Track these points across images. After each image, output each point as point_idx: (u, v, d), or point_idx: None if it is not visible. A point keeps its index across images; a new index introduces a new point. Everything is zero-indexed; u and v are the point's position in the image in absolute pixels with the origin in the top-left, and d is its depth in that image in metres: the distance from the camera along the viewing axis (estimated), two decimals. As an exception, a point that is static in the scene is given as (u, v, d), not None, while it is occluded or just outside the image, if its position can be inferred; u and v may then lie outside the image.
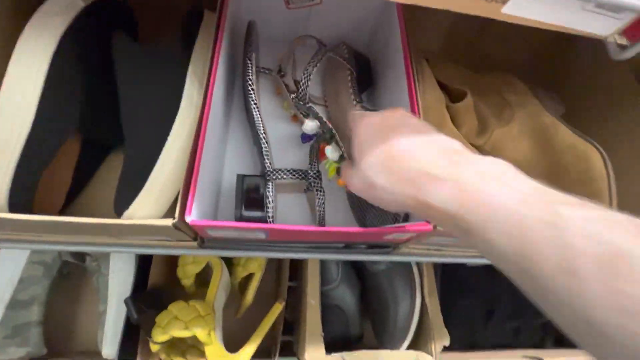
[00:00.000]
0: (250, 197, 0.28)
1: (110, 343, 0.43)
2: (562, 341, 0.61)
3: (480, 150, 0.41)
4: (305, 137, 0.39)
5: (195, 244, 0.31)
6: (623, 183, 0.36)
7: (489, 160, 0.20)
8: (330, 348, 0.46)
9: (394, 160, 0.21)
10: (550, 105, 0.45)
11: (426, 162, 0.20)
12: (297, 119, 0.41)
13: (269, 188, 0.29)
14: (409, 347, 0.49)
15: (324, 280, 0.52)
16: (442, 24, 0.50)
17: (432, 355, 0.47)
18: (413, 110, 0.32)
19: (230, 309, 0.53)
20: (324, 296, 0.51)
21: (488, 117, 0.41)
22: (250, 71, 0.32)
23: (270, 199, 0.28)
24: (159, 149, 0.27)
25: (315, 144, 0.36)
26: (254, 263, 0.50)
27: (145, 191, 0.26)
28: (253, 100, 0.32)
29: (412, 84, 0.33)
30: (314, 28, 0.45)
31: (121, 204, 0.27)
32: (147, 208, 0.26)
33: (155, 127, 0.28)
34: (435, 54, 0.49)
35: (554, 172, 0.39)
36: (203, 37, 0.34)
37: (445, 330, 0.48)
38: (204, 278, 0.49)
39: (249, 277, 0.52)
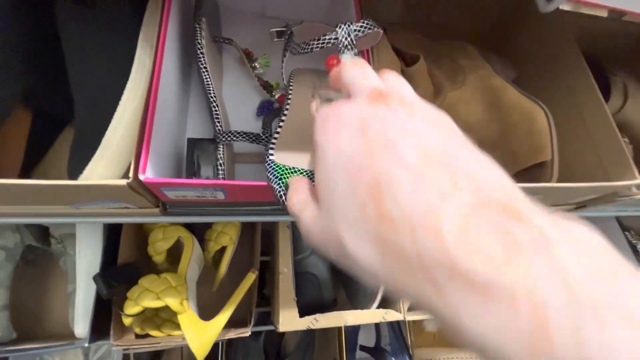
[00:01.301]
0: (202, 160, 0.29)
1: (81, 321, 0.43)
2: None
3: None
4: (261, 110, 0.40)
5: (157, 210, 0.32)
6: (563, 138, 0.39)
7: (580, 239, 0.10)
8: (305, 313, 0.47)
9: (391, 226, 0.12)
10: (501, 70, 0.47)
11: (457, 238, 0.10)
12: (263, 84, 0.42)
13: (220, 150, 0.30)
14: (379, 307, 0.52)
15: (297, 249, 0.53)
16: (401, -6, 0.51)
17: (400, 312, 0.50)
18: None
19: (206, 284, 0.54)
20: (297, 264, 0.53)
21: (442, 80, 0.43)
22: (199, 35, 0.32)
23: (221, 162, 0.29)
24: (111, 112, 0.27)
25: (266, 117, 0.36)
26: (225, 237, 0.51)
27: (99, 154, 0.26)
28: (202, 64, 0.32)
29: (365, 51, 0.35)
30: (273, 4, 0.46)
31: (75, 169, 0.26)
32: (101, 171, 0.26)
33: (106, 91, 0.28)
34: (394, 24, 0.50)
35: (504, 130, 0.41)
36: (154, 2, 0.33)
37: (412, 289, 0.51)
38: (175, 255, 0.50)
39: (223, 251, 0.52)
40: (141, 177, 0.24)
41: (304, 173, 0.25)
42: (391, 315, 0.49)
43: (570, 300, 0.09)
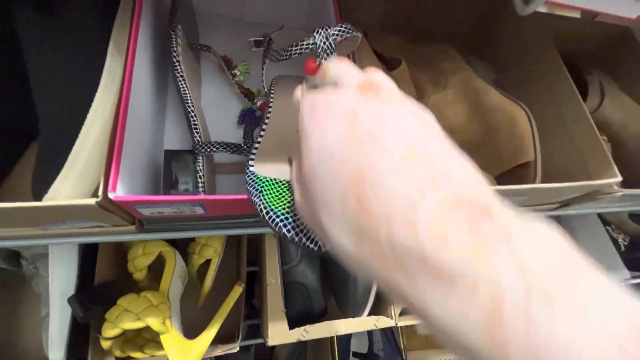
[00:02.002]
0: (180, 173, 0.28)
1: (56, 346, 0.40)
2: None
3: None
4: (242, 119, 0.39)
5: (133, 227, 0.30)
6: (545, 137, 0.39)
7: (541, 236, 0.11)
8: (295, 324, 0.46)
9: (369, 216, 0.12)
10: (482, 71, 0.47)
11: (430, 232, 0.11)
12: (244, 92, 0.41)
13: (199, 162, 0.28)
14: (370, 314, 0.51)
15: (284, 259, 0.52)
16: (381, -2, 0.51)
17: (391, 318, 0.50)
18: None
19: (190, 299, 0.52)
20: (285, 274, 0.52)
21: (425, 84, 0.42)
22: (174, 43, 0.31)
23: (201, 174, 0.28)
24: (79, 126, 0.26)
25: (247, 126, 0.35)
26: (210, 249, 0.49)
27: (65, 171, 0.24)
28: (179, 72, 0.31)
29: (346, 56, 0.34)
30: (252, 9, 0.45)
31: (39, 189, 0.25)
32: (69, 190, 0.25)
33: (72, 103, 0.26)
34: (375, 28, 0.50)
35: (487, 131, 0.42)
36: (125, 8, 0.32)
37: (402, 294, 0.51)
38: (157, 270, 0.47)
39: (207, 264, 0.51)
40: (111, 195, 0.22)
41: (286, 185, 0.24)
42: (383, 322, 0.49)
43: (526, 290, 0.09)
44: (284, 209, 0.21)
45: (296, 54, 0.28)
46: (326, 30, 0.26)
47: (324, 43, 0.26)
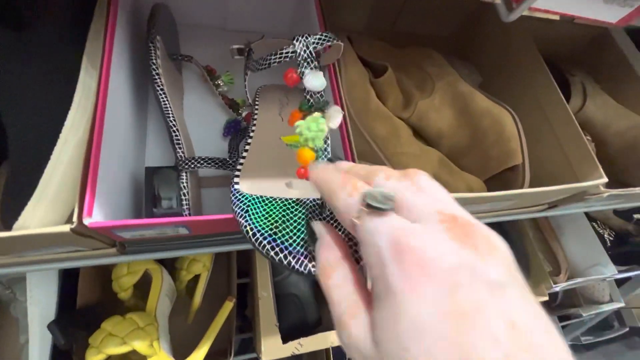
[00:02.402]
0: (163, 191, 0.26)
1: (37, 376, 0.38)
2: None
3: (407, 122, 0.43)
4: (227, 131, 0.38)
5: (114, 250, 0.28)
6: (530, 139, 0.40)
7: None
8: (289, 336, 0.45)
9: None
10: (467, 75, 0.48)
11: None
12: (228, 103, 0.40)
13: (182, 179, 0.27)
14: (365, 322, 0.50)
15: (276, 271, 0.51)
16: (366, 2, 0.50)
17: (386, 325, 0.49)
18: (333, 90, 0.32)
19: (180, 316, 0.51)
20: (278, 286, 0.51)
21: (411, 90, 0.42)
22: (153, 55, 0.29)
23: (185, 191, 0.27)
24: (51, 146, 0.24)
25: (233, 139, 0.34)
26: (198, 264, 0.47)
27: (37, 197, 0.23)
28: (159, 85, 0.29)
29: (330, 65, 0.33)
30: (234, 17, 0.44)
31: (9, 215, 0.23)
32: (42, 215, 0.23)
33: (44, 121, 0.25)
34: (360, 33, 0.50)
35: (474, 136, 0.42)
36: (99, 20, 0.30)
37: (396, 300, 0.50)
38: (144, 288, 0.46)
39: (196, 279, 0.49)
40: (86, 221, 0.21)
41: (275, 203, 0.23)
42: (378, 330, 0.48)
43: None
44: (270, 229, 0.21)
45: (275, 63, 0.27)
46: (306, 38, 0.25)
47: (304, 52, 0.25)
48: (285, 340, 0.44)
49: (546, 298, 0.64)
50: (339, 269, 0.16)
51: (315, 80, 0.24)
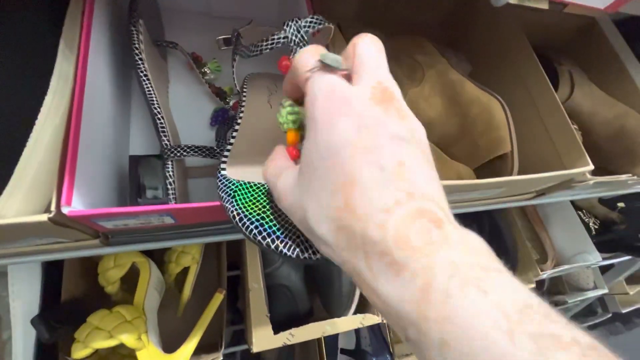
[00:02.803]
0: (147, 180, 0.26)
1: (21, 372, 0.37)
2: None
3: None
4: (214, 120, 0.37)
5: (97, 242, 0.28)
6: (519, 127, 0.40)
7: (471, 242, 0.14)
8: (280, 327, 0.45)
9: (351, 214, 0.14)
10: (457, 64, 0.47)
11: (395, 234, 0.14)
12: (215, 91, 0.39)
13: (168, 167, 0.26)
14: (356, 312, 0.50)
15: (266, 262, 0.51)
16: (356, -11, 0.49)
17: (378, 315, 0.49)
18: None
19: (169, 308, 0.50)
20: (269, 277, 0.50)
21: (402, 78, 0.42)
22: (136, 39, 0.28)
23: (171, 180, 0.26)
24: (27, 133, 0.23)
25: (220, 127, 0.33)
26: (187, 257, 0.47)
27: (12, 185, 0.22)
28: (142, 71, 0.28)
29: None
30: (220, 2, 0.42)
31: (-17, 206, 0.22)
32: (19, 205, 0.22)
33: (19, 108, 0.24)
34: (350, 20, 0.49)
35: (464, 124, 0.42)
36: (77, 3, 0.29)
37: (387, 290, 0.51)
38: (131, 281, 0.45)
39: (186, 272, 0.48)
40: (65, 210, 0.20)
41: (261, 189, 0.22)
42: (369, 320, 0.48)
43: (449, 277, 0.13)
44: (258, 214, 0.20)
45: (267, 49, 0.26)
46: (297, 22, 0.25)
47: (296, 36, 0.25)
48: (276, 330, 0.44)
49: (533, 285, 0.65)
50: (272, 162, 0.19)
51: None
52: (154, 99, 0.28)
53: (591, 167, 0.37)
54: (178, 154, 0.28)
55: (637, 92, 0.48)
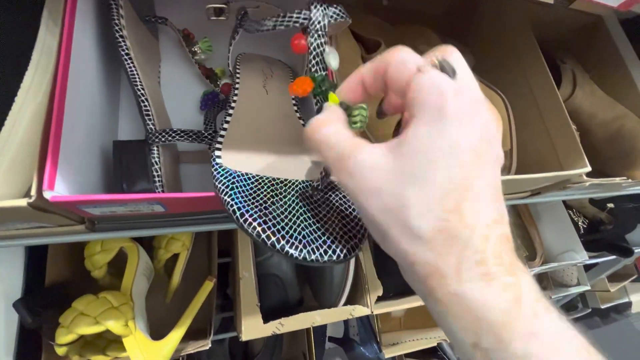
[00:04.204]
0: (132, 166, 0.24)
1: (3, 356, 0.36)
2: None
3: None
4: (204, 104, 0.35)
5: (82, 227, 0.26)
6: (519, 124, 0.39)
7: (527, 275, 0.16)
8: (270, 316, 0.45)
9: (459, 218, 0.15)
10: (461, 57, 0.46)
11: (493, 248, 0.15)
12: (205, 73, 0.37)
13: (154, 153, 0.25)
14: (346, 303, 0.50)
15: (258, 251, 0.50)
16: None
17: (367, 306, 0.50)
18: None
19: (158, 294, 0.49)
20: (260, 266, 0.50)
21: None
22: (115, 14, 0.26)
23: (157, 167, 0.25)
24: (4, 113, 0.21)
25: (209, 111, 0.32)
26: (177, 243, 0.46)
27: (-11, 167, 0.20)
28: (124, 50, 0.26)
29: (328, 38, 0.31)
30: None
31: (-42, 187, 0.21)
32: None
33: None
34: (352, 7, 0.47)
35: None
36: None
37: (378, 282, 0.51)
38: (119, 266, 0.44)
39: (175, 258, 0.47)
40: (47, 195, 0.19)
41: (262, 182, 0.21)
42: (359, 311, 0.49)
43: (537, 301, 0.15)
44: (260, 209, 0.19)
45: (282, 27, 0.24)
46: (325, 8, 0.23)
47: (319, 22, 0.23)
48: (266, 319, 0.44)
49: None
50: (332, 123, 0.18)
51: (333, 61, 0.22)
52: (137, 80, 0.26)
53: (588, 168, 0.37)
54: (163, 139, 0.27)
55: (638, 93, 0.48)
